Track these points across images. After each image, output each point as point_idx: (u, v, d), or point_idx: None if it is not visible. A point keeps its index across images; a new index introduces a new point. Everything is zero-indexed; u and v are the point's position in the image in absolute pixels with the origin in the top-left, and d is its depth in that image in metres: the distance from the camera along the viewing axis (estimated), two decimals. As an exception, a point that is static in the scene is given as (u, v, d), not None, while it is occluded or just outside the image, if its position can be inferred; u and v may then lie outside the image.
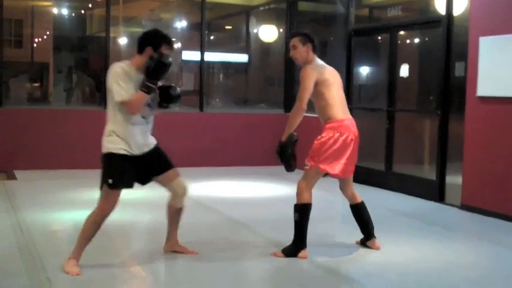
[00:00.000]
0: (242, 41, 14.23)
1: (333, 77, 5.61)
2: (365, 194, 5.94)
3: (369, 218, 5.84)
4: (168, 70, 4.83)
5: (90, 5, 13.96)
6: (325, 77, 5.53)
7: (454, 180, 8.23)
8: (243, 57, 14.08)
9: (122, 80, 4.74)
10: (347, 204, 5.92)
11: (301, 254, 5.44)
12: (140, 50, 4.89)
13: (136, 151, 4.91)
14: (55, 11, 13.57)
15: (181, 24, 13.67)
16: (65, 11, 13.76)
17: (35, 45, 14.81)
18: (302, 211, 5.45)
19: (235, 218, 7.13)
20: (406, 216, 7.61)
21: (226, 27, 15.65)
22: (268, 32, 13.11)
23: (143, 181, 5.14)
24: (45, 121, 10.41)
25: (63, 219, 6.94)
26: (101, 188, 4.91)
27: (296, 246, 5.46)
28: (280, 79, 12.58)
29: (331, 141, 5.41)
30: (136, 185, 5.10)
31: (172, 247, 5.45)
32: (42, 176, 9.71)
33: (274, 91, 13.38)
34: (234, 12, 14.41)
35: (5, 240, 5.89)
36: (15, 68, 13.71)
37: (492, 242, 6.39)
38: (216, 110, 12.32)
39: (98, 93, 12.11)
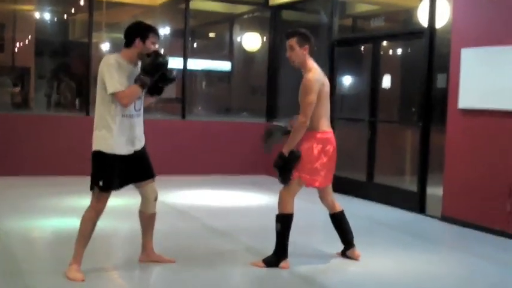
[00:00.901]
0: (225, 49, 14.23)
1: (328, 88, 5.52)
2: (346, 204, 5.94)
3: (349, 227, 5.82)
4: (164, 68, 4.87)
5: (73, 10, 13.90)
6: (324, 89, 5.43)
7: (434, 191, 8.25)
8: (226, 65, 14.07)
9: (116, 71, 4.75)
10: (326, 214, 5.91)
11: (283, 264, 5.40)
12: (128, 43, 4.93)
13: (127, 148, 4.90)
14: (37, 15, 13.50)
15: (164, 31, 13.63)
16: (47, 16, 13.69)
17: (16, 49, 14.69)
18: (284, 221, 5.40)
19: (215, 227, 7.09)
20: (386, 227, 7.62)
21: (210, 34, 15.65)
22: (251, 41, 13.10)
23: (123, 184, 5.07)
24: (25, 127, 10.31)
25: (42, 227, 6.87)
26: (92, 188, 4.90)
27: (278, 257, 5.42)
28: (263, 88, 12.57)
29: (316, 153, 5.38)
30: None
31: (149, 257, 5.36)
32: (22, 183, 9.60)
33: (257, 100, 13.37)
34: (217, 20, 14.41)
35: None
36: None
37: (471, 253, 6.41)
38: (199, 118, 12.28)
39: (78, 99, 12.03)
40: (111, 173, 4.88)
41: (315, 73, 5.39)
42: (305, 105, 5.29)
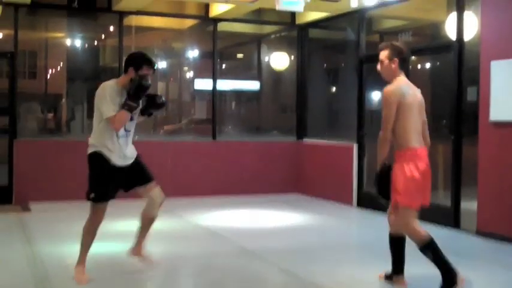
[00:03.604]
0: (254, 68, 14.29)
1: (413, 100, 5.29)
2: (379, 221, 5.90)
3: (404, 252, 5.61)
4: (146, 91, 5.31)
5: (103, 36, 14.10)
6: (404, 101, 5.20)
7: (469, 205, 8.15)
8: (255, 85, 14.13)
9: (109, 97, 5.23)
10: (360, 234, 5.85)
11: (458, 279, 5.16)
12: (125, 71, 5.40)
13: (119, 162, 5.32)
14: (68, 42, 13.70)
15: (193, 53, 13.76)
16: (78, 43, 13.88)
17: (48, 76, 14.94)
18: (430, 248, 5.20)
19: (248, 248, 7.08)
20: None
21: (238, 55, 15.74)
22: (279, 60, 13.16)
23: (127, 188, 5.50)
24: (58, 152, 10.45)
25: (78, 252, 6.91)
26: (88, 198, 5.35)
27: (449, 280, 5.17)
28: (292, 106, 12.62)
29: (408, 173, 5.14)
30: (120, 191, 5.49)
31: (138, 253, 5.79)
32: (57, 208, 9.71)
33: (287, 118, 13.39)
34: (245, 40, 14.49)
35: (20, 273, 5.87)
36: (29, 99, 13.80)
37: (508, 268, 6.31)
38: (229, 138, 12.34)
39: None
40: (102, 184, 5.30)
41: (394, 85, 5.26)
42: (383, 118, 5.20)
